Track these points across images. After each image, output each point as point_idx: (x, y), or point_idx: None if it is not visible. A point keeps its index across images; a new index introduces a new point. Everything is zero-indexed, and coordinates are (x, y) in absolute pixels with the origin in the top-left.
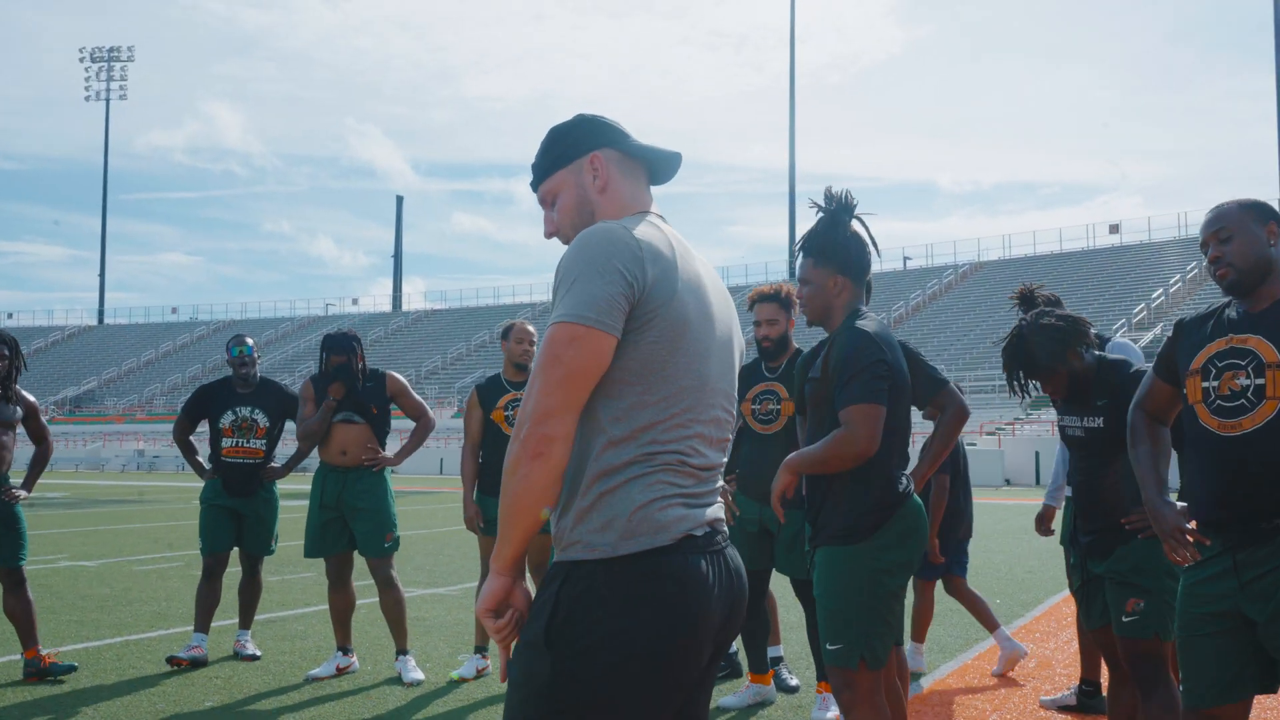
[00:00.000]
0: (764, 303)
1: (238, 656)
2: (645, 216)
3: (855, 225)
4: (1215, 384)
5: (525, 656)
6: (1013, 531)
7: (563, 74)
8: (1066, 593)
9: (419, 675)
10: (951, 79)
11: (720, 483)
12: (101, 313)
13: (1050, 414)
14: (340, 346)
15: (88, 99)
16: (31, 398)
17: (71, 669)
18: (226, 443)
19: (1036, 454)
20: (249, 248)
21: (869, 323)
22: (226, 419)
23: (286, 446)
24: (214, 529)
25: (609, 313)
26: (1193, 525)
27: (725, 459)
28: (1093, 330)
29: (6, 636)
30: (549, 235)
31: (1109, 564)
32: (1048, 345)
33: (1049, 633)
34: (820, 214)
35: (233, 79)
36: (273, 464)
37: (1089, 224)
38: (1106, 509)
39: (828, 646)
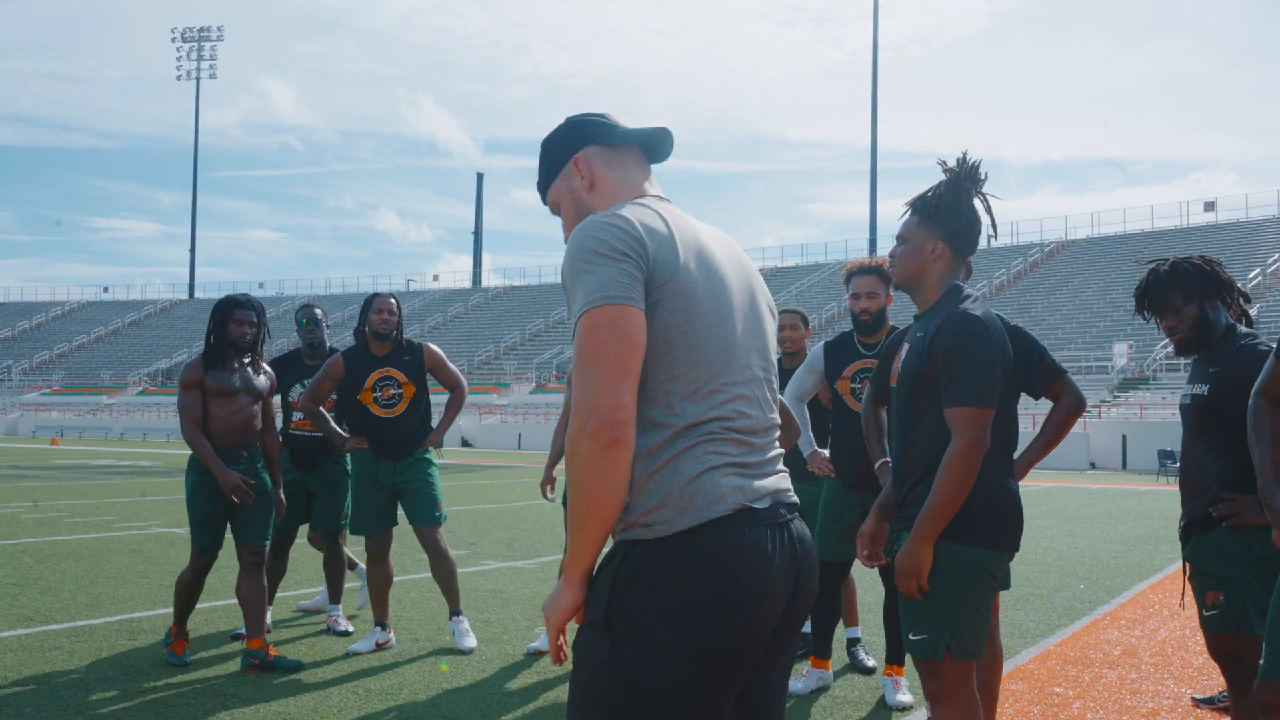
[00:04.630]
0: (863, 275)
1: (331, 632)
2: (636, 200)
3: (977, 202)
4: None
5: (586, 635)
6: (1097, 516)
7: (641, 50)
8: (1153, 580)
9: (472, 641)
10: (1038, 54)
11: (776, 450)
12: (192, 287)
13: (1137, 397)
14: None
15: (179, 78)
16: (270, 372)
17: (299, 666)
18: (296, 415)
19: (1123, 437)
20: (333, 225)
21: (976, 306)
22: (294, 392)
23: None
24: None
25: (631, 288)
26: None
27: (776, 415)
28: (1239, 298)
29: (111, 600)
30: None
31: (1190, 550)
32: (1183, 280)
33: (1135, 620)
34: (945, 175)
35: (316, 57)
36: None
37: (1182, 201)
38: (1195, 490)
39: (910, 636)
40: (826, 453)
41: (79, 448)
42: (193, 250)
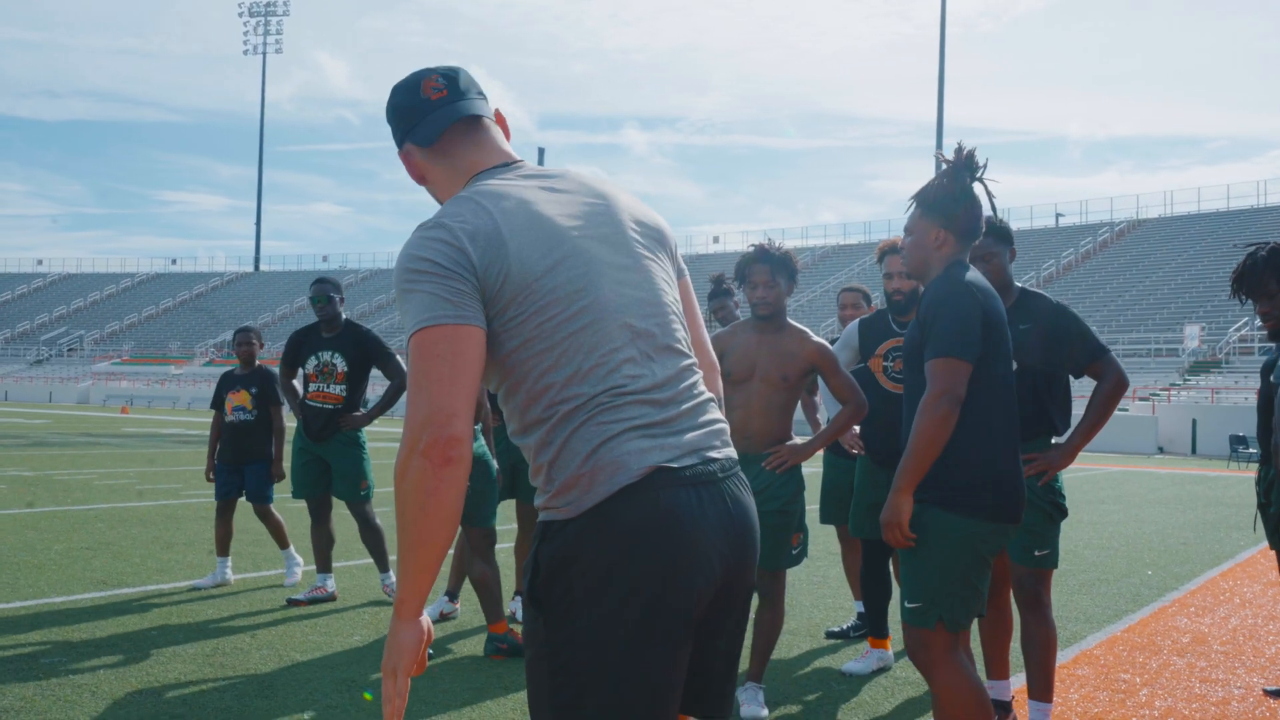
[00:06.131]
0: (895, 254)
1: (391, 599)
2: (462, 193)
3: (977, 188)
4: None
5: (526, 614)
6: (1166, 501)
7: (702, 24)
8: (1224, 567)
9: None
10: (1111, 29)
11: (696, 399)
12: (257, 260)
13: (1209, 380)
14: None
15: (246, 53)
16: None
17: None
18: (311, 387)
19: (1193, 421)
20: (394, 199)
21: (967, 273)
22: (310, 364)
23: (375, 390)
24: (299, 474)
25: (461, 305)
26: None
27: (687, 358)
28: None
29: (180, 565)
30: None
31: None
32: (1276, 266)
33: (1205, 608)
34: (943, 167)
35: (379, 32)
36: (357, 411)
37: (1260, 180)
38: None
39: (905, 604)
40: (857, 429)
41: (148, 416)
42: (258, 224)
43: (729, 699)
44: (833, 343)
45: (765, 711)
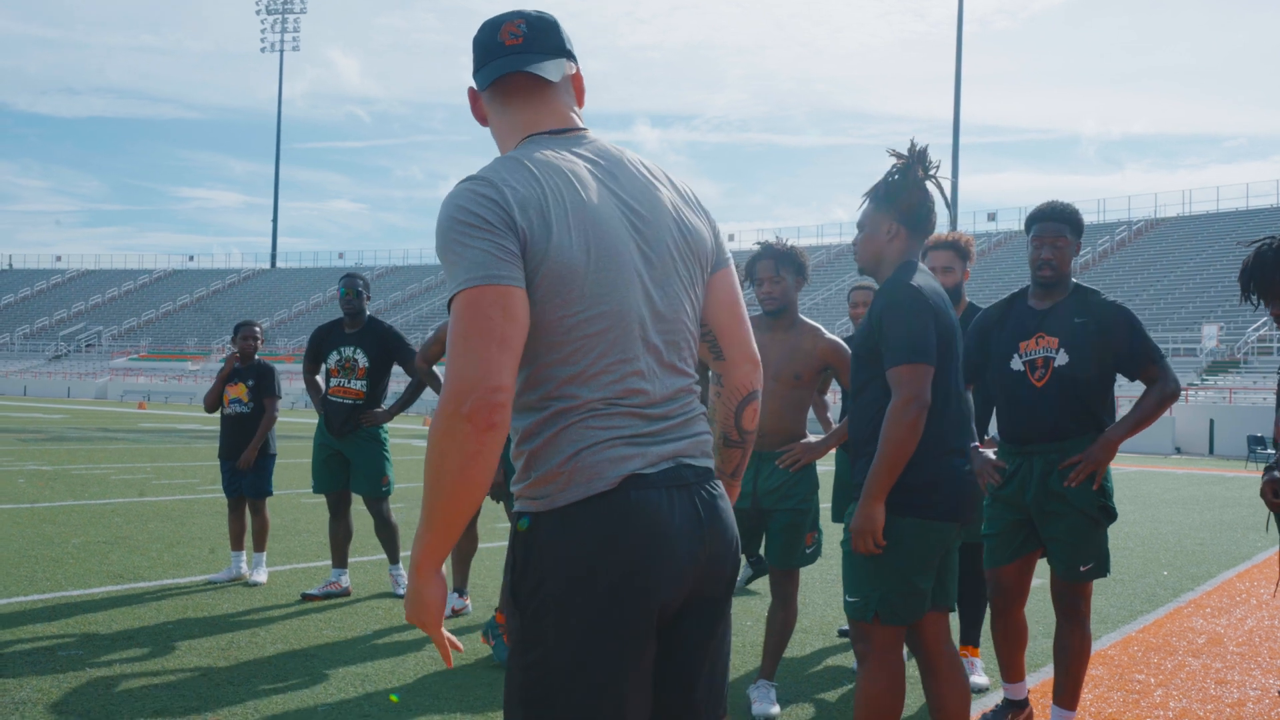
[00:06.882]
0: (939, 250)
1: (397, 595)
2: (511, 154)
3: (930, 186)
4: None
5: (508, 610)
6: (1183, 502)
7: (718, 22)
8: (1240, 568)
9: None
10: (1130, 26)
11: (685, 415)
12: (274, 257)
13: (1227, 380)
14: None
15: (263, 50)
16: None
17: None
18: (333, 382)
19: (1211, 421)
20: (408, 195)
21: (918, 276)
22: (332, 359)
23: (396, 386)
24: (320, 469)
25: (511, 266)
26: None
27: (687, 378)
28: None
29: (196, 560)
30: None
31: None
32: None
33: (1221, 609)
34: (896, 163)
35: (395, 30)
36: (378, 408)
37: None
38: None
39: (846, 598)
40: None
41: (165, 412)
42: (275, 221)
43: (724, 697)
44: (849, 340)
45: (777, 709)
